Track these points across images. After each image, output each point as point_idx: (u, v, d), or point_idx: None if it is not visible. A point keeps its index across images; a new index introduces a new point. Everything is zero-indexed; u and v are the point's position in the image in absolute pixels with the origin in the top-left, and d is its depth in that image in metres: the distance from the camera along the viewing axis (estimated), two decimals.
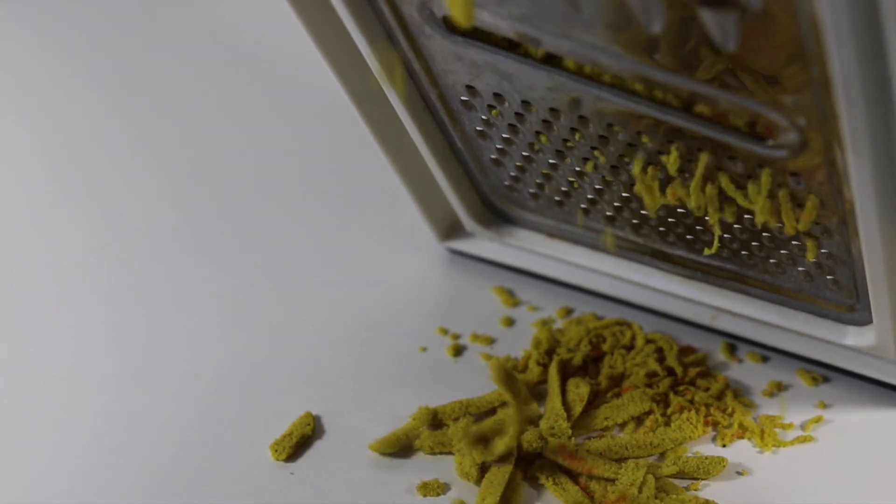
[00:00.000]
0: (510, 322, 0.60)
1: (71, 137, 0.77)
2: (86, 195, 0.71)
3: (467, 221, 0.61)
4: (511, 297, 0.61)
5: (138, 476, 0.53)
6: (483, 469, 0.52)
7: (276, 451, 0.53)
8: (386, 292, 0.62)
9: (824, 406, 0.54)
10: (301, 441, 0.54)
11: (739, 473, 0.52)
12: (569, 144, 0.53)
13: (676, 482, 0.51)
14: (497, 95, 0.53)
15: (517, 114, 0.53)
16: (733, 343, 0.58)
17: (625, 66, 0.47)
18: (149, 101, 0.79)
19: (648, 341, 0.57)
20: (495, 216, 0.61)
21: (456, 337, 0.59)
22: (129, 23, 0.88)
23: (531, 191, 0.58)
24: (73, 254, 0.66)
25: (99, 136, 0.77)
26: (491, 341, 0.59)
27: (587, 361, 0.57)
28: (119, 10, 0.89)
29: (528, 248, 0.60)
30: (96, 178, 0.72)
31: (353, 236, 0.66)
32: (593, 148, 0.52)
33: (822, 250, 0.51)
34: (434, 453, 0.53)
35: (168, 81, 0.81)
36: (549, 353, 0.57)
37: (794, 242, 0.51)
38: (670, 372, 0.55)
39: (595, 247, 0.59)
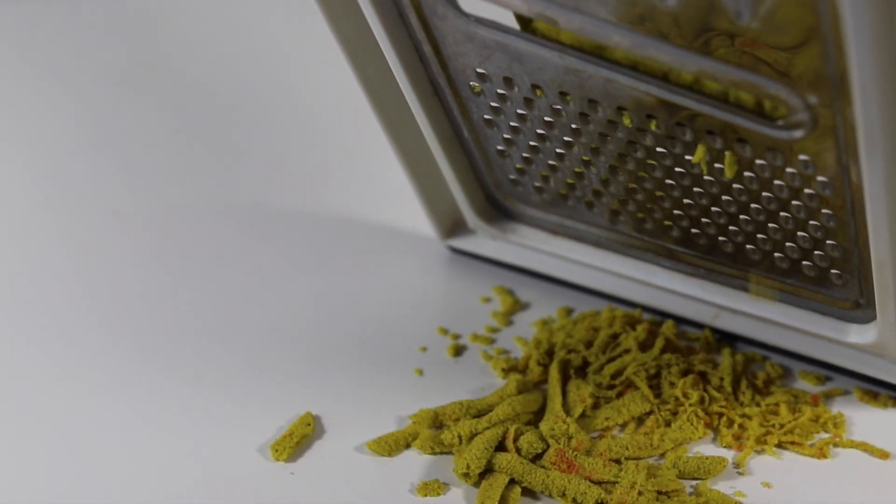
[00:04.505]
0: (510, 322, 0.60)
1: (71, 138, 0.76)
2: (87, 195, 0.71)
3: (470, 217, 0.61)
4: (511, 297, 0.61)
5: (138, 476, 0.53)
6: (483, 471, 0.52)
7: (276, 451, 0.53)
8: (386, 292, 0.62)
9: (825, 406, 0.54)
10: (301, 441, 0.54)
11: (740, 474, 0.52)
12: (575, 129, 0.53)
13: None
14: (507, 80, 0.53)
15: (526, 99, 0.53)
16: (733, 343, 0.58)
17: (636, 43, 0.47)
18: (148, 101, 0.79)
19: (651, 333, 0.57)
20: (498, 212, 0.61)
21: (456, 337, 0.59)
22: (128, 23, 0.88)
23: (536, 184, 0.58)
24: (73, 253, 0.66)
25: (100, 136, 0.77)
26: (491, 341, 0.59)
27: (588, 361, 0.57)
28: (119, 11, 0.89)
29: (530, 245, 0.60)
30: (97, 178, 0.72)
31: (353, 236, 0.66)
32: (601, 134, 0.52)
33: (830, 242, 0.51)
34: (434, 453, 0.53)
35: (168, 79, 0.81)
36: (549, 353, 0.57)
37: (800, 234, 0.51)
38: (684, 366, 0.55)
39: (597, 244, 0.59)
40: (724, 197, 0.52)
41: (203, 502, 0.52)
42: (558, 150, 0.55)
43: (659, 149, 0.52)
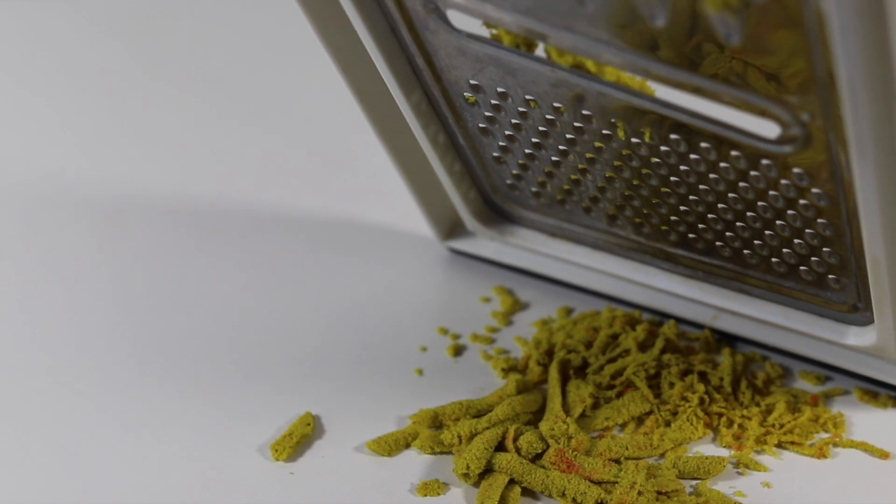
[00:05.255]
0: (510, 322, 0.60)
1: (67, 141, 0.76)
2: (87, 195, 0.71)
3: (469, 220, 0.61)
4: (511, 297, 0.61)
5: (138, 476, 0.53)
6: (483, 471, 0.52)
7: (276, 451, 0.53)
8: (386, 292, 0.62)
9: (824, 406, 0.54)
10: (301, 441, 0.54)
11: (740, 474, 0.52)
12: (570, 139, 0.53)
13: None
14: (500, 92, 0.53)
15: (520, 111, 0.53)
16: (733, 343, 0.58)
17: (628, 62, 0.47)
18: (150, 100, 0.79)
19: (651, 333, 0.57)
20: (497, 215, 0.61)
21: (456, 337, 0.59)
22: (128, 23, 0.88)
23: (533, 189, 0.58)
24: (73, 254, 0.66)
25: (100, 136, 0.77)
26: (491, 341, 0.59)
27: (587, 362, 0.57)
28: (119, 11, 0.89)
29: (529, 247, 0.60)
30: (98, 178, 0.72)
31: (353, 236, 0.66)
32: (596, 143, 0.52)
33: (826, 249, 0.51)
34: (433, 453, 0.53)
35: (169, 80, 0.81)
36: (549, 353, 0.57)
37: (797, 241, 0.51)
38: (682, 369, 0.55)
39: (596, 246, 0.59)
40: (719, 205, 0.52)
41: (203, 502, 0.52)
42: (554, 158, 0.55)
43: (654, 159, 0.52)
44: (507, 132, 0.55)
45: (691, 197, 0.53)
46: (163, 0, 0.89)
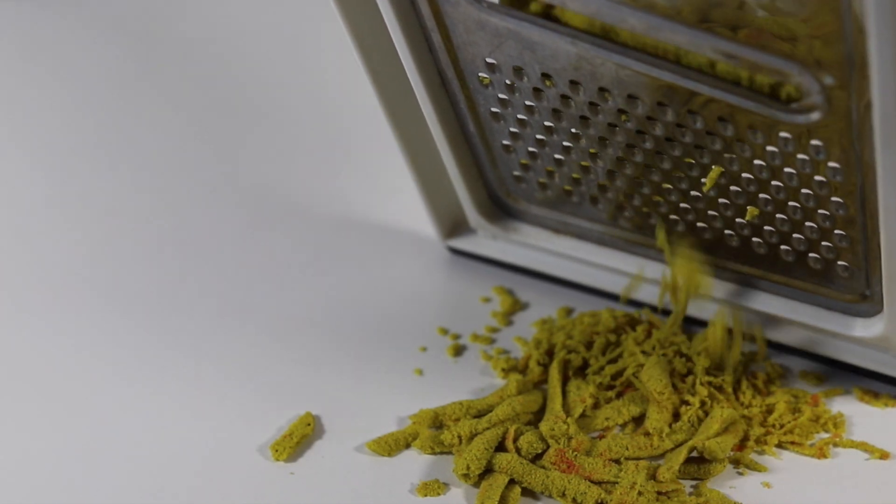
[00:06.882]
0: (510, 322, 0.60)
1: (69, 139, 0.76)
2: (86, 196, 0.71)
3: (472, 215, 0.61)
4: (511, 297, 0.61)
5: (138, 476, 0.53)
6: (483, 471, 0.52)
7: (276, 451, 0.53)
8: (386, 292, 0.62)
9: (825, 406, 0.54)
10: (301, 441, 0.54)
11: (740, 474, 0.52)
12: (584, 119, 0.53)
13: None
14: (517, 69, 0.53)
15: (535, 89, 0.53)
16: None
17: (652, 25, 0.47)
18: (147, 100, 0.79)
19: (651, 334, 0.57)
20: (500, 211, 0.61)
21: (456, 337, 0.59)
22: (127, 24, 0.88)
23: (540, 180, 0.57)
24: (72, 254, 0.66)
25: (99, 136, 0.77)
26: (491, 341, 0.59)
27: (587, 362, 0.57)
28: (117, 12, 0.89)
29: (532, 244, 0.60)
30: (96, 179, 0.72)
31: (353, 236, 0.66)
32: (610, 124, 0.52)
33: (838, 231, 0.51)
34: (433, 453, 0.53)
35: (167, 78, 0.81)
36: (549, 353, 0.57)
37: (808, 223, 0.51)
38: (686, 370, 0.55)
39: (600, 242, 0.58)
40: (732, 187, 0.52)
41: (203, 502, 0.52)
42: (565, 143, 0.55)
43: (668, 139, 0.52)
44: (519, 115, 0.55)
45: (703, 180, 0.52)
46: None
